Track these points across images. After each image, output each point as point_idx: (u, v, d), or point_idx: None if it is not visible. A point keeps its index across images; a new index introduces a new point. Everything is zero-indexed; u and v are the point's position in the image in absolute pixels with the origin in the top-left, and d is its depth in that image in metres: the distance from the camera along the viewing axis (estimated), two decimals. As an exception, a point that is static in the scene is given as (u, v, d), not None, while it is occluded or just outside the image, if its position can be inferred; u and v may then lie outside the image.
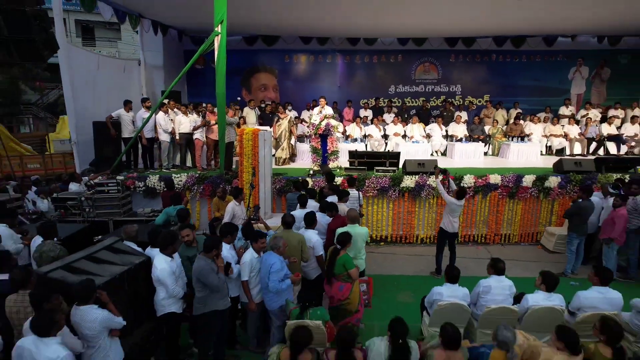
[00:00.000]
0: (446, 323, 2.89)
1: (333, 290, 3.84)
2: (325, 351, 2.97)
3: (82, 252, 3.49)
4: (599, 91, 12.58)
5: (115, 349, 2.94)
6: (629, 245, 5.49)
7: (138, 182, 6.82)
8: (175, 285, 3.39)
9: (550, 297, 3.59)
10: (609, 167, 7.18)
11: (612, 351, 2.83)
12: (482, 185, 6.84)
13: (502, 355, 2.83)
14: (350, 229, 4.21)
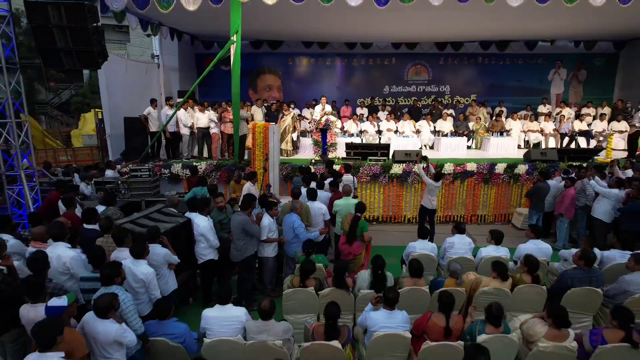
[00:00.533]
0: (412, 259, 4.00)
1: (352, 247, 4.77)
2: (325, 279, 4.07)
3: (140, 213, 4.59)
4: (576, 91, 13.69)
5: (172, 279, 4.04)
6: (577, 220, 6.58)
7: (164, 170, 7.91)
8: (214, 238, 4.49)
9: (497, 250, 4.69)
10: (570, 157, 8.30)
11: (531, 278, 3.94)
12: (460, 172, 7.94)
13: (453, 281, 3.93)
14: (344, 200, 5.32)
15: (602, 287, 3.96)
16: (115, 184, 7.08)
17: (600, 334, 3.07)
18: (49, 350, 2.27)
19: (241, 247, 4.45)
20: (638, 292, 3.71)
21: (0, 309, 2.86)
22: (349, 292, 3.82)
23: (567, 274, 3.98)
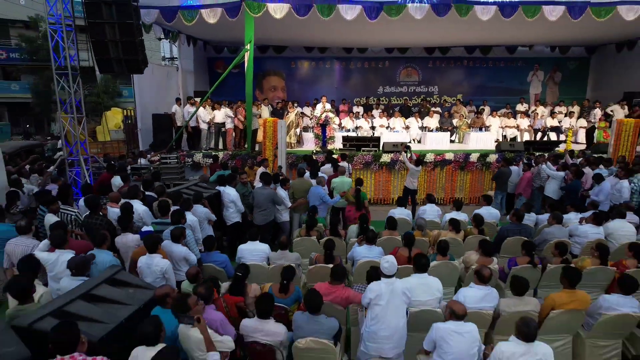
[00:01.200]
0: (389, 216, 5.38)
1: (358, 213, 6.17)
2: (324, 231, 5.45)
3: (182, 186, 5.97)
4: (552, 91, 15.08)
5: (210, 231, 5.40)
6: (534, 199, 7.95)
7: (187, 158, 9.29)
8: (240, 204, 5.86)
9: (458, 214, 6.05)
10: (535, 148, 9.67)
11: (477, 231, 5.31)
12: (440, 160, 9.33)
13: (419, 233, 5.31)
14: (340, 179, 6.71)
15: (531, 237, 5.33)
16: (148, 169, 8.46)
17: (514, 260, 4.45)
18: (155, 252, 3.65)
19: (267, 214, 5.80)
20: (553, 239, 5.07)
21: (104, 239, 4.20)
22: (342, 240, 5.20)
23: (504, 227, 5.36)
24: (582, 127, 12.07)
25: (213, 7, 8.85)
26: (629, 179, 6.91)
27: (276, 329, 3.09)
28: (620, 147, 8.88)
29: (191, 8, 8.90)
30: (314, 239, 5.18)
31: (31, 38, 22.20)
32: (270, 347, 3.05)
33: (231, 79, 13.52)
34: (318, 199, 6.13)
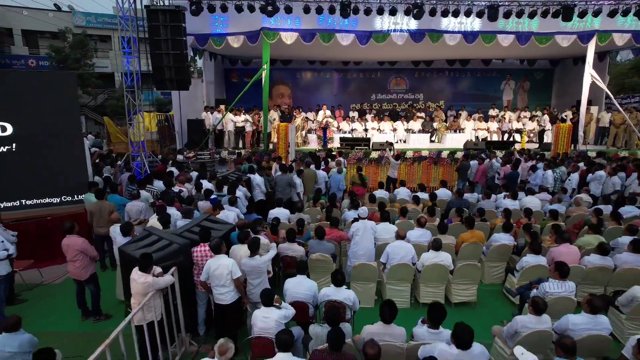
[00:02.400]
0: (370, 194, 7.72)
1: (361, 190, 8.47)
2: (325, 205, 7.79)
3: (225, 173, 8.30)
4: (522, 98, 17.41)
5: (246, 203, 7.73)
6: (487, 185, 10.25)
7: (215, 155, 11.61)
8: (264, 187, 8.18)
9: (423, 194, 8.37)
10: (494, 146, 12.00)
11: (431, 204, 7.65)
12: (417, 157, 11.65)
13: (389, 205, 7.62)
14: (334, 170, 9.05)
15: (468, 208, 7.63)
16: (187, 163, 10.80)
17: (451, 220, 6.77)
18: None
19: (285, 193, 8.08)
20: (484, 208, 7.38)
21: (172, 201, 6.45)
22: (339, 209, 7.54)
23: (450, 200, 7.69)
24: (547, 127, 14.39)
25: (237, 34, 11.18)
26: (553, 170, 9.25)
27: (297, 248, 5.40)
28: (558, 147, 11.22)
29: (220, 35, 11.23)
30: (319, 209, 7.51)
31: (60, 48, 24.47)
32: (294, 258, 5.35)
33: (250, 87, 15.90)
34: (337, 184, 8.51)
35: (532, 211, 6.78)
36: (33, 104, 6.44)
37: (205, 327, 4.61)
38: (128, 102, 9.46)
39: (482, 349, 3.05)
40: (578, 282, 5.10)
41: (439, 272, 5.11)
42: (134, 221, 5.83)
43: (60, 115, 6.66)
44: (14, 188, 6.49)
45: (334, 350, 3.01)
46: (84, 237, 4.83)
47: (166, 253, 4.13)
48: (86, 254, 4.62)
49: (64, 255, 4.78)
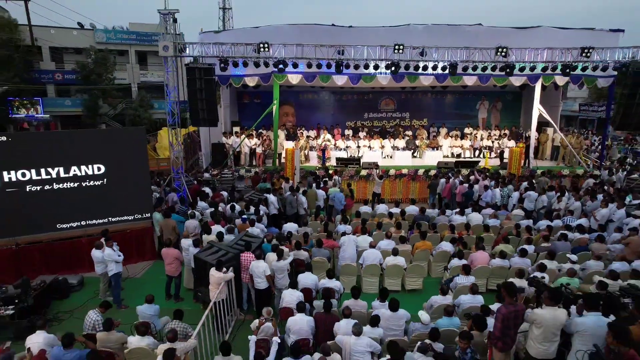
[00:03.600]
0: (357, 210, 10.44)
1: (351, 202, 11.20)
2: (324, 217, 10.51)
3: (249, 194, 11.03)
4: (495, 116, 20.05)
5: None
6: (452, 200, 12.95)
7: (235, 172, 14.31)
8: (277, 204, 10.88)
9: (395, 209, 11.08)
10: (462, 165, 14.69)
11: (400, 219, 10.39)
12: (398, 174, 14.35)
13: (370, 219, 10.34)
14: (333, 188, 11.74)
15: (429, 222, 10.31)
16: (213, 180, 13.51)
17: (412, 232, 9.49)
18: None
19: (293, 209, 10.81)
20: (439, 222, 10.09)
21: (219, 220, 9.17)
22: (334, 222, 10.27)
23: (415, 216, 10.38)
24: (507, 147, 17.06)
25: (253, 76, 13.82)
26: (501, 189, 11.96)
27: (304, 253, 8.08)
28: (512, 167, 13.92)
29: (239, 76, 13.87)
30: (319, 222, 10.24)
31: (85, 64, 27.01)
32: (302, 260, 8.03)
33: (258, 108, 18.54)
34: (339, 200, 11.20)
35: (470, 225, 9.51)
36: (117, 150, 9.12)
37: (247, 304, 7.36)
38: (172, 137, 12.12)
39: (405, 312, 5.76)
40: (488, 276, 7.85)
41: (397, 270, 7.85)
42: (192, 235, 8.54)
43: (133, 156, 9.34)
44: (104, 210, 9.19)
45: (326, 312, 5.73)
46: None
47: (226, 259, 6.86)
48: (179, 260, 7.35)
49: (139, 258, 7.50)
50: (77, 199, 8.85)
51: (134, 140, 9.42)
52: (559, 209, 10.96)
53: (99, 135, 9.81)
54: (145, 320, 5.90)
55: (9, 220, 8.38)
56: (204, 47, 11.86)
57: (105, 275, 7.52)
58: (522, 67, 12.48)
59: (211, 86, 11.61)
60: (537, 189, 12.12)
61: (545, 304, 4.18)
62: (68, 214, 8.91)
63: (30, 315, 6.73)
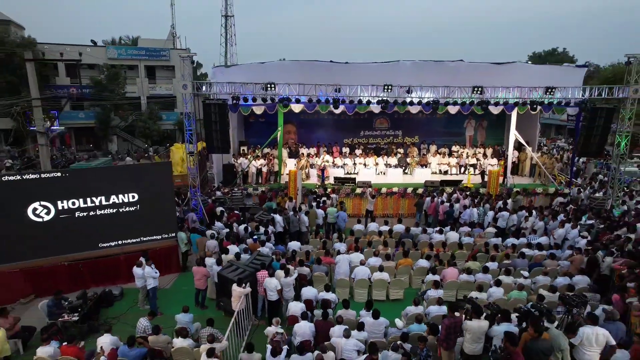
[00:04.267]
0: (351, 229, 12.16)
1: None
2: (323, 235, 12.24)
3: (258, 214, 12.76)
4: (481, 134, 21.75)
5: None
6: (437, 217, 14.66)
7: (243, 190, 16.03)
8: (282, 222, 12.59)
9: (384, 227, 12.80)
10: (447, 184, 16.40)
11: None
12: (389, 192, 16.07)
13: (362, 237, 12.06)
14: (330, 208, 13.47)
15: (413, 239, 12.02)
16: (225, 198, 15.24)
17: (398, 249, 11.21)
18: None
19: (296, 227, 12.53)
20: (421, 240, 11.81)
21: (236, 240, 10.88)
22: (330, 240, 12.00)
23: (401, 234, 12.10)
24: (491, 165, 18.80)
25: (259, 105, 15.52)
26: (477, 208, 13.69)
27: (306, 269, 9.80)
28: (490, 186, 15.64)
29: (248, 105, 15.57)
30: (318, 239, 11.96)
31: (98, 80, 28.75)
32: (305, 275, 9.74)
33: (263, 126, 20.22)
34: (342, 219, 12.92)
35: (446, 244, 11.24)
36: (147, 181, 10.83)
37: (261, 312, 9.07)
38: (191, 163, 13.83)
39: (385, 320, 7.47)
40: (457, 289, 9.56)
41: (382, 283, 9.57)
42: (213, 254, 10.25)
43: (160, 186, 11.04)
44: (137, 231, 10.90)
45: (324, 320, 7.45)
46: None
47: (244, 276, 8.57)
48: (206, 276, 9.08)
49: (166, 271, 9.25)
50: (115, 222, 10.58)
51: (161, 173, 11.16)
52: (525, 227, 12.69)
53: (134, 169, 11.60)
54: (183, 326, 7.60)
55: (61, 241, 10.10)
56: (218, 86, 13.57)
57: (144, 288, 9.23)
58: (497, 101, 14.21)
59: (225, 119, 13.34)
60: (514, 206, 13.89)
61: (473, 317, 5.91)
62: (108, 235, 10.64)
63: (88, 320, 8.47)
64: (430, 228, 12.71)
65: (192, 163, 13.79)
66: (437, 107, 14.24)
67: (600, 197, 14.64)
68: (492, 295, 8.52)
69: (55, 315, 8.32)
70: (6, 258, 9.62)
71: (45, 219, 9.88)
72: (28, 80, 26.43)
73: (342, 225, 13.08)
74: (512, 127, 16.10)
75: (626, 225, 11.68)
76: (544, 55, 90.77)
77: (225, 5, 65.72)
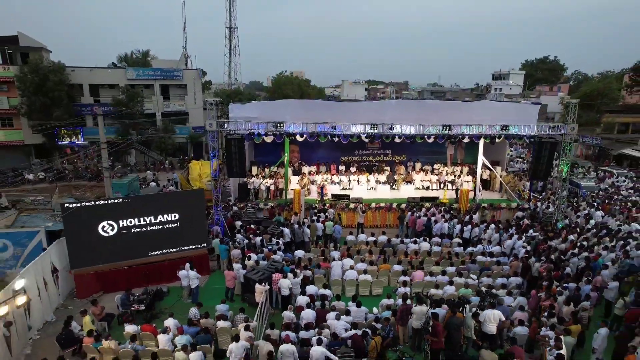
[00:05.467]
0: (345, 240, 15.33)
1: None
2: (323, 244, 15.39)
3: (269, 228, 15.94)
4: (460, 153, 24.88)
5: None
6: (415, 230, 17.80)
7: (255, 205, 19.16)
8: (289, 234, 15.73)
9: (371, 237, 15.95)
10: (426, 200, 19.55)
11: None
12: (378, 207, 19.21)
13: (353, 246, 15.22)
14: (328, 222, 16.63)
15: (393, 248, 15.17)
16: (240, 212, 18.39)
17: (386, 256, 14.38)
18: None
19: (300, 237, 15.67)
20: (402, 249, 14.95)
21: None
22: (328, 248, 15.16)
23: (384, 244, 15.24)
24: (466, 181, 21.95)
25: (269, 135, 18.65)
26: (448, 222, 16.83)
27: (308, 272, 12.96)
28: (462, 202, 18.79)
29: (259, 135, 18.69)
30: (318, 248, 15.10)
31: (119, 100, 31.85)
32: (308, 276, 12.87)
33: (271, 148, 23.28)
34: (338, 231, 16.07)
35: (419, 252, 14.39)
36: (185, 203, 13.97)
37: (275, 303, 12.20)
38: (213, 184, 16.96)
39: (365, 308, 10.60)
40: (423, 287, 12.68)
41: (366, 283, 12.71)
42: (238, 260, 13.37)
43: (195, 207, 14.18)
44: (177, 242, 14.02)
45: (322, 309, 10.58)
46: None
47: (264, 277, 11.71)
48: (235, 278, 12.22)
49: (199, 273, 12.42)
50: (161, 236, 13.72)
51: (196, 198, 14.34)
52: (484, 238, 15.84)
53: (176, 195, 14.88)
54: (222, 313, 10.72)
55: (121, 250, 13.24)
56: (236, 124, 16.73)
57: (188, 287, 12.37)
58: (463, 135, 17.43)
59: (242, 150, 16.50)
60: (482, 219, 17.04)
61: (419, 304, 9.09)
62: (155, 246, 13.77)
63: (149, 310, 11.59)
64: (408, 239, 15.85)
65: (215, 185, 16.92)
66: (414, 141, 17.43)
67: (549, 212, 17.79)
68: (446, 292, 11.64)
69: (127, 305, 11.44)
70: (84, 263, 12.76)
71: (110, 234, 13.01)
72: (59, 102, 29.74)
73: (337, 236, 16.23)
74: (480, 153, 19.28)
75: (559, 237, 14.83)
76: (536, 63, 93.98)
77: (229, 18, 68.96)
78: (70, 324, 9.99)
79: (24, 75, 29.17)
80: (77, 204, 12.74)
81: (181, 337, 9.35)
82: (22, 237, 14.03)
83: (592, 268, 12.15)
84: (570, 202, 19.38)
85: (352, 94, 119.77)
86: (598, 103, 40.29)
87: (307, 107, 18.17)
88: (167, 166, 32.79)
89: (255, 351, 9.14)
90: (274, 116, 17.47)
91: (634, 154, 29.87)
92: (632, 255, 12.36)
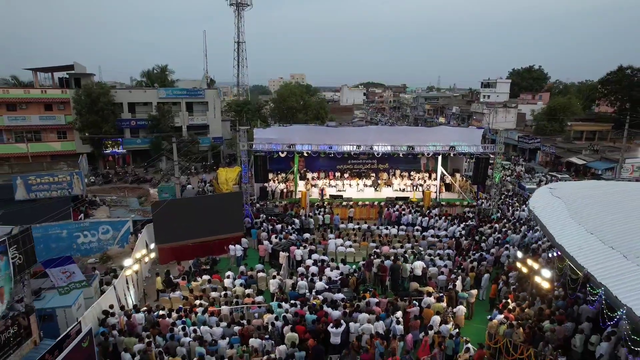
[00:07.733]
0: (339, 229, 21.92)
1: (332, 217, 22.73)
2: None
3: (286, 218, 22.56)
4: (431, 162, 31.37)
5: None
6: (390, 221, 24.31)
7: (272, 203, 25.69)
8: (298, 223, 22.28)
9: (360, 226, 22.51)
10: (399, 199, 26.08)
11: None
12: (364, 204, 25.76)
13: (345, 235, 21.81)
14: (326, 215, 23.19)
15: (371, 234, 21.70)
16: (262, 208, 25.00)
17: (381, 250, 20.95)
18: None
19: (306, 225, 22.21)
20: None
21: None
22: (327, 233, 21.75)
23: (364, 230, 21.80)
24: (433, 185, 28.50)
25: (284, 151, 25.20)
26: (413, 215, 23.39)
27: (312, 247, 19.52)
28: (425, 200, 25.32)
29: (275, 151, 25.23)
30: (320, 232, 21.65)
31: (153, 116, 38.41)
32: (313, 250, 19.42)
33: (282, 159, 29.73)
34: (338, 220, 22.65)
35: (389, 235, 20.94)
36: (228, 202, 20.53)
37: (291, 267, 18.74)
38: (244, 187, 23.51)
39: (348, 267, 17.14)
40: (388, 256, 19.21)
41: (351, 254, 19.26)
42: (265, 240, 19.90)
43: (234, 204, 20.76)
44: (223, 229, 20.60)
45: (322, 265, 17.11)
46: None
47: (285, 248, 18.29)
48: (266, 250, 18.81)
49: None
50: (214, 223, 20.28)
51: (234, 198, 20.97)
52: (436, 226, 22.38)
53: (222, 196, 21.39)
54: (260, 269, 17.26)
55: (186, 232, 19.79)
56: (259, 145, 23.28)
57: (234, 256, 18.93)
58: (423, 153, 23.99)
59: (265, 164, 23.07)
60: (439, 213, 23.58)
61: (377, 258, 15.71)
62: (210, 231, 20.34)
63: (212, 269, 18.15)
64: (382, 226, 22.40)
65: (245, 189, 23.48)
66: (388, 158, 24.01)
67: (488, 208, 24.35)
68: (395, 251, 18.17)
69: (197, 266, 18.00)
70: (165, 241, 19.35)
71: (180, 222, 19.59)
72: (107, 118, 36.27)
73: (337, 223, 22.76)
74: (439, 165, 25.84)
75: (488, 224, 21.39)
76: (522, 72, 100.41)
77: (238, 33, 75.45)
78: (170, 274, 16.57)
79: (79, 97, 35.74)
80: (163, 202, 19.36)
81: (238, 280, 15.93)
82: (118, 224, 20.61)
83: (502, 244, 18.71)
84: (506, 201, 25.91)
85: (352, 97, 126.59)
86: (560, 116, 46.69)
87: (311, 130, 24.71)
88: (192, 171, 39.37)
89: (283, 285, 15.71)
90: (287, 138, 24.01)
91: (577, 162, 36.23)
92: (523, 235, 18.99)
